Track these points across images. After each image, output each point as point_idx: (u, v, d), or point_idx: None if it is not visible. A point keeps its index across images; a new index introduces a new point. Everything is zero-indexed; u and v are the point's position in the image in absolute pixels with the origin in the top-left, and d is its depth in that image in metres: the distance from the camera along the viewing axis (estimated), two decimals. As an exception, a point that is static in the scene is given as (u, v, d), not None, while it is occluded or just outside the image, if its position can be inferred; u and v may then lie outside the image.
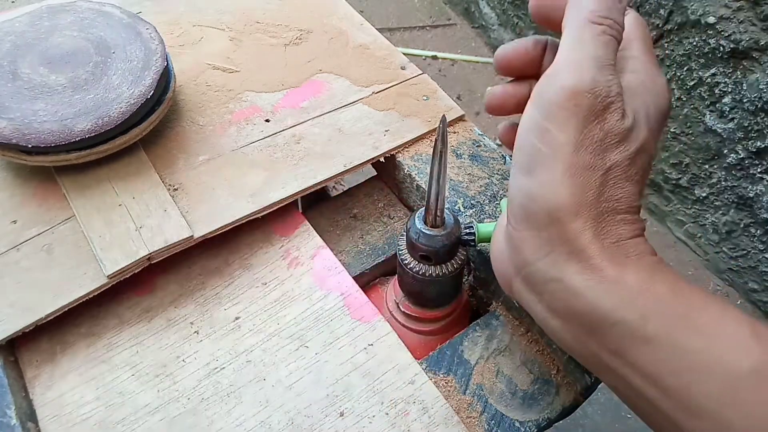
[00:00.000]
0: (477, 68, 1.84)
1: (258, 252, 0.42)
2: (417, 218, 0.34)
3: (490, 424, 0.35)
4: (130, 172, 0.41)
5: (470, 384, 0.36)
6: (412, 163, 0.45)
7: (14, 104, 0.39)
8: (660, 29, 1.25)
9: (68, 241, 0.38)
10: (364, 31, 0.56)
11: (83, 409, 0.34)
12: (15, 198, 0.40)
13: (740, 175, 1.21)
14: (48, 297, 0.35)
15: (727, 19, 1.09)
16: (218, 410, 0.34)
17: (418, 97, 0.50)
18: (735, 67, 1.12)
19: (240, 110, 0.47)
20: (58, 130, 0.38)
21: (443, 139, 0.30)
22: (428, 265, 0.35)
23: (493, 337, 0.39)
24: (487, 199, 0.43)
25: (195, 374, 0.36)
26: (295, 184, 0.42)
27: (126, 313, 0.38)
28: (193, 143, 0.44)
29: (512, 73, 0.35)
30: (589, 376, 0.35)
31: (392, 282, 0.41)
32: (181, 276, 0.40)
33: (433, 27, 1.96)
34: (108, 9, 0.46)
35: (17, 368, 0.35)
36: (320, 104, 0.48)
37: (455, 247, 0.35)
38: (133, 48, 0.43)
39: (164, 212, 0.39)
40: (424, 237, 0.33)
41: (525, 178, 0.27)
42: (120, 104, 0.40)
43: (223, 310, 0.38)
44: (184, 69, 0.50)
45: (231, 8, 0.56)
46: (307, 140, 0.45)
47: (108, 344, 0.37)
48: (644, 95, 0.28)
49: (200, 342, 0.37)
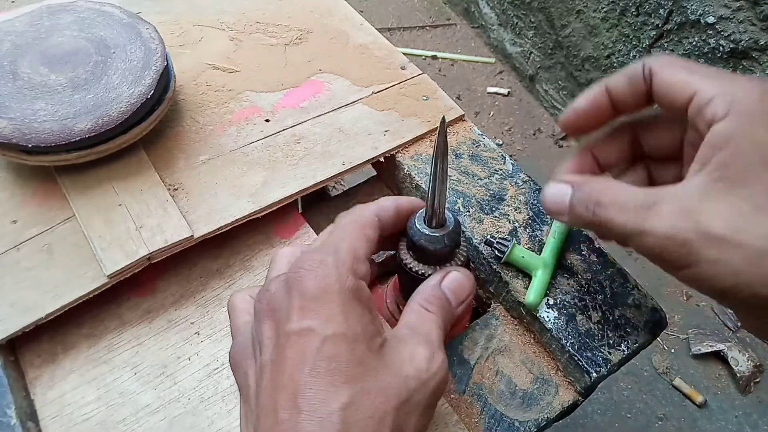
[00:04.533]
0: (477, 68, 1.84)
1: (258, 254, 0.42)
2: (417, 218, 0.34)
3: (490, 423, 0.35)
4: (130, 172, 0.41)
5: (470, 383, 0.36)
6: (412, 163, 0.45)
7: (14, 104, 0.39)
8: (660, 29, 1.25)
9: (68, 241, 0.38)
10: (364, 31, 0.56)
11: (84, 409, 0.34)
12: (15, 198, 0.40)
13: (740, 175, 1.21)
14: (48, 297, 0.35)
15: (727, 19, 1.09)
16: (218, 410, 0.34)
17: (418, 97, 0.50)
18: (735, 67, 1.12)
19: (240, 110, 0.47)
20: (58, 130, 0.38)
21: (443, 140, 0.30)
22: (428, 265, 0.35)
23: (493, 336, 0.39)
24: (486, 198, 0.43)
25: (195, 375, 0.36)
26: (295, 184, 0.42)
27: (127, 314, 0.38)
28: (193, 143, 0.44)
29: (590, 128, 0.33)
30: (589, 377, 0.35)
31: (392, 282, 0.41)
32: (182, 277, 0.40)
33: (433, 27, 1.96)
34: (108, 9, 0.46)
35: (18, 368, 0.35)
36: (320, 104, 0.48)
37: (455, 248, 0.35)
38: (133, 48, 0.43)
39: (164, 212, 0.39)
40: (424, 237, 0.33)
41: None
42: (120, 104, 0.40)
43: (224, 311, 0.38)
44: (184, 69, 0.50)
45: (231, 8, 0.56)
46: (307, 140, 0.45)
47: (109, 345, 0.37)
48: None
49: (201, 343, 0.37)
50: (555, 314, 0.37)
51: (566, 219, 0.30)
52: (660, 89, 0.29)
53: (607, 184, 0.29)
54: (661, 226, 0.25)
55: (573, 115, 0.32)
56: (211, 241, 0.40)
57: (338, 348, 0.24)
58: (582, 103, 0.32)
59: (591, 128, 0.33)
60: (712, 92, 0.26)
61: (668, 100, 0.29)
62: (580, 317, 0.37)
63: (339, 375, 0.24)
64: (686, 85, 0.28)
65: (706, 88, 0.27)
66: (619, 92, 0.30)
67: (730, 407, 1.18)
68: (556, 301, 0.38)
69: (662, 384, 1.21)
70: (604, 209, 0.28)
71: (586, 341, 0.36)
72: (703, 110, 0.27)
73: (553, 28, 1.61)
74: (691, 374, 1.22)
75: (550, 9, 1.59)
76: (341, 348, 0.24)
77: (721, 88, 0.26)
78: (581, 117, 0.32)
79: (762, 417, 1.17)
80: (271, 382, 0.24)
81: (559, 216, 0.31)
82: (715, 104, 0.26)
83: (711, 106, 0.26)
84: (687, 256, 0.25)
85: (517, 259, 0.39)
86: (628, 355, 0.36)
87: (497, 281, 0.40)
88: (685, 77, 0.28)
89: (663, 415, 1.17)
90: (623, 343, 0.37)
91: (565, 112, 0.32)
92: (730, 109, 0.26)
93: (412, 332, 0.28)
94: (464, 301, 0.32)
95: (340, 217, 0.30)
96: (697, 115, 0.27)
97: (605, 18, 1.43)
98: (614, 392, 1.19)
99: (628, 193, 0.28)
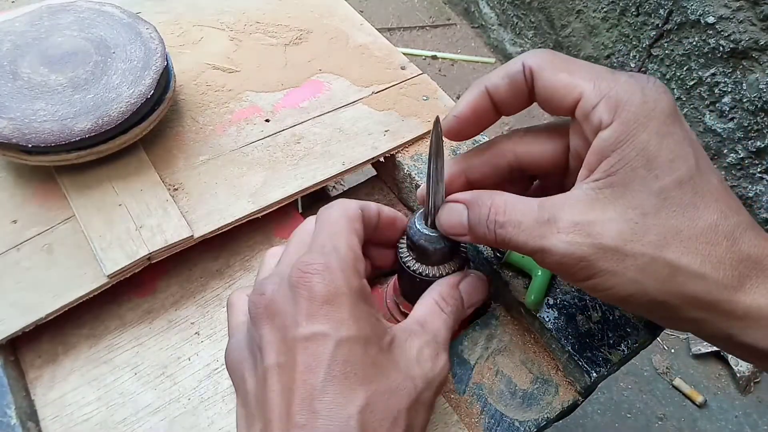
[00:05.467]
0: (477, 68, 1.84)
1: (258, 254, 0.42)
2: (417, 218, 0.34)
3: (490, 423, 0.35)
4: (130, 172, 0.41)
5: (470, 383, 0.36)
6: (411, 163, 0.45)
7: (14, 104, 0.39)
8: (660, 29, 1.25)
9: (68, 241, 0.38)
10: (364, 31, 0.56)
11: (85, 409, 0.34)
12: (15, 198, 0.40)
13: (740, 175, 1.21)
14: (48, 297, 0.35)
15: (727, 18, 1.10)
16: (218, 410, 0.34)
17: (417, 97, 0.50)
18: (735, 66, 1.13)
19: (240, 110, 0.47)
20: (58, 130, 0.38)
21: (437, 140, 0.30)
22: (428, 265, 0.35)
23: (493, 336, 0.39)
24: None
25: (195, 375, 0.36)
26: (295, 184, 0.42)
27: (127, 315, 0.38)
28: (193, 143, 0.44)
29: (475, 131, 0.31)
30: (589, 376, 0.36)
31: (392, 282, 0.41)
32: (183, 278, 0.40)
33: (433, 27, 1.96)
34: (108, 9, 0.46)
35: (18, 368, 0.36)
36: (320, 104, 0.48)
37: (455, 247, 0.35)
38: (133, 48, 0.43)
39: (164, 212, 0.39)
40: (424, 237, 0.33)
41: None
42: (120, 104, 0.40)
43: (224, 311, 0.38)
44: (184, 69, 0.50)
45: (231, 8, 0.56)
46: (307, 140, 0.45)
47: (109, 345, 0.37)
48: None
49: (201, 343, 0.37)
50: (555, 314, 0.37)
51: (469, 240, 0.29)
52: (543, 92, 0.28)
53: (501, 199, 0.28)
54: (558, 244, 0.25)
55: (455, 123, 0.30)
56: (211, 241, 0.40)
57: (352, 351, 0.24)
58: (463, 108, 0.30)
59: (474, 133, 0.31)
60: (596, 96, 0.26)
61: (553, 103, 0.28)
62: (580, 317, 0.37)
63: (354, 378, 0.24)
64: (570, 89, 0.27)
65: (590, 92, 0.26)
66: (500, 95, 0.29)
67: (730, 407, 1.18)
68: (556, 301, 0.38)
69: (662, 384, 1.21)
70: (503, 229, 0.27)
71: (586, 341, 0.36)
72: (589, 116, 0.26)
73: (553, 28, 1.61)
74: (691, 374, 1.22)
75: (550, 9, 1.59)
76: (355, 351, 0.24)
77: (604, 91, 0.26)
78: (463, 123, 0.30)
79: (762, 417, 1.17)
80: (281, 386, 0.24)
81: (461, 238, 0.30)
82: (600, 110, 0.26)
83: (596, 112, 0.26)
84: (586, 269, 0.25)
85: (517, 259, 0.39)
86: (628, 355, 0.36)
87: (497, 281, 0.40)
88: (566, 80, 0.27)
89: (663, 415, 1.17)
90: (623, 343, 0.37)
91: (446, 118, 0.30)
92: (615, 115, 0.25)
93: (422, 329, 0.28)
94: (474, 304, 0.32)
95: (323, 211, 0.30)
96: (584, 120, 0.27)
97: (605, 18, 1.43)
98: (614, 392, 1.19)
99: (523, 209, 0.27)
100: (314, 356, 0.24)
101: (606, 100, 0.26)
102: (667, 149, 0.25)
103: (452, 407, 0.35)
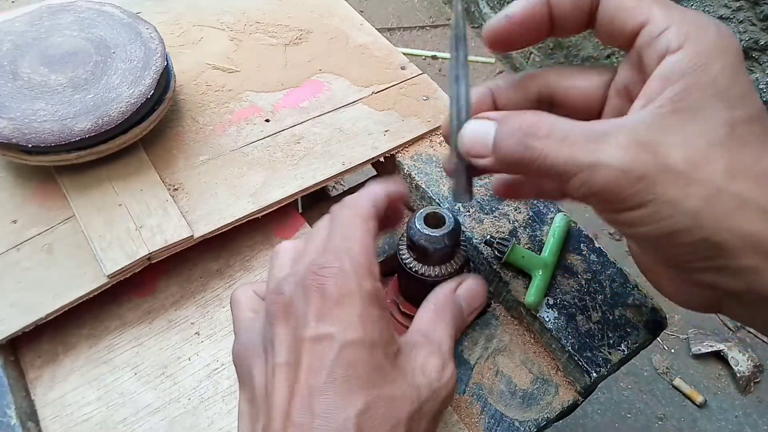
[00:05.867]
0: (477, 68, 1.84)
1: (259, 254, 0.42)
2: (417, 218, 0.34)
3: (490, 423, 0.35)
4: (130, 172, 0.41)
5: (470, 383, 0.36)
6: (411, 163, 0.45)
7: (14, 104, 0.39)
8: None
9: (68, 241, 0.38)
10: (364, 31, 0.56)
11: (85, 409, 0.34)
12: (15, 198, 0.40)
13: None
14: (48, 297, 0.35)
15: (727, 19, 1.10)
16: (218, 410, 0.34)
17: (418, 97, 0.50)
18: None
19: (240, 110, 0.47)
20: (58, 130, 0.38)
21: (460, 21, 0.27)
22: (428, 265, 0.35)
23: (493, 336, 0.39)
24: (486, 198, 0.43)
25: (196, 375, 0.36)
26: (295, 184, 0.42)
27: (127, 315, 0.38)
28: (193, 143, 0.44)
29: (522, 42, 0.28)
30: (589, 376, 0.36)
31: (392, 282, 0.41)
32: (183, 278, 0.40)
33: (433, 27, 1.96)
34: (108, 9, 0.46)
35: (18, 368, 0.36)
36: (320, 104, 0.48)
37: (455, 247, 0.35)
38: (133, 48, 0.43)
39: (164, 212, 0.39)
40: (424, 237, 0.33)
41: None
42: (120, 104, 0.40)
43: (224, 311, 0.38)
44: (184, 69, 0.50)
45: (231, 8, 0.56)
46: (307, 140, 0.45)
47: (110, 345, 0.37)
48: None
49: (201, 343, 0.37)
50: (555, 314, 0.37)
51: (489, 162, 0.26)
52: (607, 12, 0.26)
53: (540, 116, 0.25)
54: (617, 157, 0.23)
55: (506, 24, 0.27)
56: (211, 241, 0.40)
57: (357, 354, 0.24)
58: (518, 10, 0.27)
59: (519, 44, 0.28)
60: (666, 23, 0.24)
61: (614, 27, 0.26)
62: (580, 317, 0.37)
63: (356, 381, 0.24)
64: (637, 12, 0.25)
65: (659, 18, 0.25)
66: (560, 6, 0.26)
67: (730, 407, 1.18)
68: (556, 301, 0.38)
69: (662, 384, 1.21)
70: (540, 141, 0.24)
71: (586, 341, 0.36)
72: (654, 41, 0.25)
73: (553, 28, 1.61)
74: (691, 374, 1.22)
75: (550, 9, 1.59)
76: (360, 354, 0.24)
77: (676, 18, 0.24)
78: (514, 27, 0.27)
79: (762, 417, 1.17)
80: (285, 384, 0.24)
81: (480, 159, 0.27)
82: (669, 36, 0.24)
83: (664, 38, 0.24)
84: (640, 193, 0.23)
85: (517, 259, 0.39)
86: (628, 355, 0.36)
87: (497, 281, 0.40)
88: (635, 3, 0.25)
89: (663, 415, 1.17)
90: (623, 343, 0.37)
91: (495, 19, 0.27)
92: (686, 42, 0.24)
93: (426, 340, 0.28)
94: (476, 310, 0.31)
95: (335, 210, 0.29)
96: (648, 46, 0.25)
97: (605, 18, 1.43)
98: (614, 392, 1.19)
99: (570, 124, 0.24)
100: (318, 357, 0.24)
101: (677, 26, 0.24)
102: (739, 84, 0.24)
103: (452, 407, 0.35)
